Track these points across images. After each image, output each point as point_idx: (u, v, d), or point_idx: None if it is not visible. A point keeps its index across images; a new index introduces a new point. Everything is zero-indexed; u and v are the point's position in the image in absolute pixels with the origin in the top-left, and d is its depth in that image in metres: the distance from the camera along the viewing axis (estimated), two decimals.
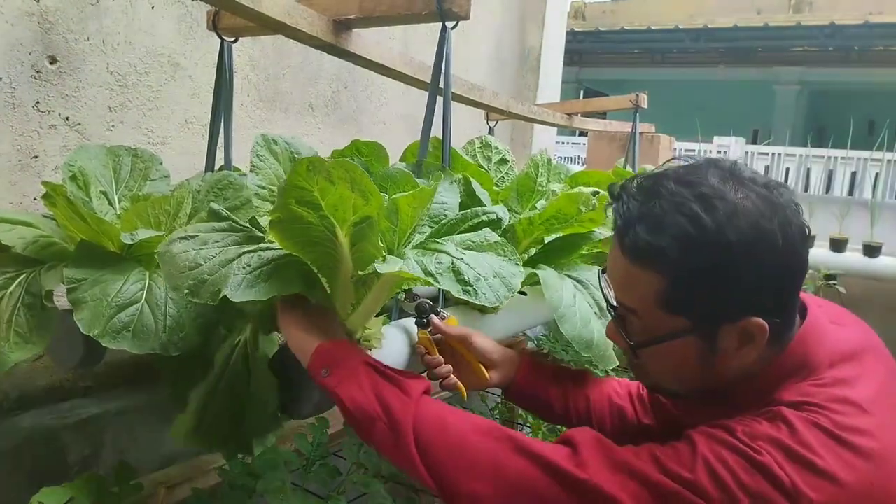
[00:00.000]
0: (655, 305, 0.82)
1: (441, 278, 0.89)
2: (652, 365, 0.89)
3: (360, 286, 0.99)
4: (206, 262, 0.87)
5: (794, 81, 14.78)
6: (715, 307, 0.80)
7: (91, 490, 1.05)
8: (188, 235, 0.91)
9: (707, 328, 0.81)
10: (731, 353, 0.82)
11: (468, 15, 1.25)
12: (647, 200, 0.81)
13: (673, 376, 0.89)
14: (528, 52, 3.39)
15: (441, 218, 1.12)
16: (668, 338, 0.83)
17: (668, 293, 0.80)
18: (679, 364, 0.86)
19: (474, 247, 1.00)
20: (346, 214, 0.88)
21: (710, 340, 0.82)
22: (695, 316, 0.81)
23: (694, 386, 0.89)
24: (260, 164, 1.08)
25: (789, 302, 0.83)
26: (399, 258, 0.92)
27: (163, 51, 1.65)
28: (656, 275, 0.80)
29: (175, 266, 0.86)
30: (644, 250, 0.80)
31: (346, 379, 0.87)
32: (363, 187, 0.86)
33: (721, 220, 0.76)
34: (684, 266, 0.78)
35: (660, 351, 0.85)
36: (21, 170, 1.41)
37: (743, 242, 0.76)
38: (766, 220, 0.77)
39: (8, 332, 0.96)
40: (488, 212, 1.14)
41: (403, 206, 0.95)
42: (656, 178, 0.83)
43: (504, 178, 1.73)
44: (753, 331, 0.79)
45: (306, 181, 0.83)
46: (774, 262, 0.78)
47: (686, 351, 0.83)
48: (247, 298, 0.85)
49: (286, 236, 0.91)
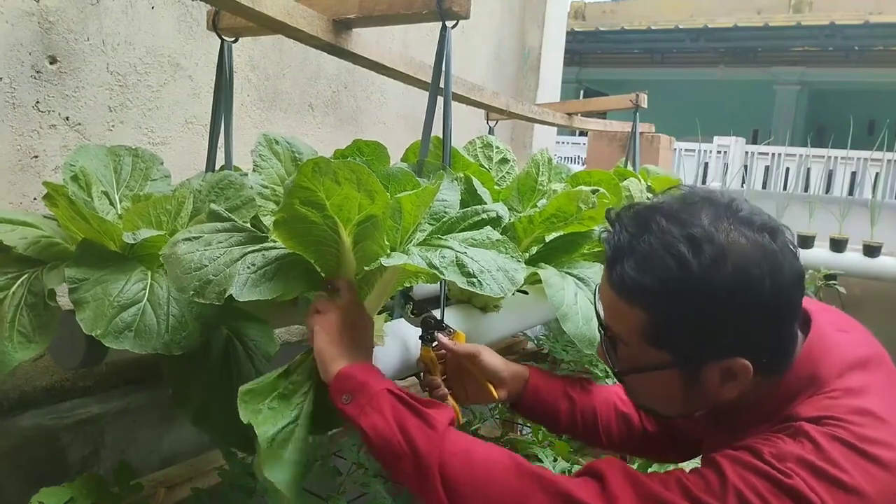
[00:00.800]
0: (639, 338, 0.83)
1: (446, 271, 0.90)
2: (636, 389, 0.92)
3: (364, 284, 1.00)
4: (210, 262, 0.87)
5: (794, 81, 14.79)
6: (697, 347, 0.80)
7: (91, 490, 1.05)
8: (192, 237, 0.92)
9: (689, 365, 0.82)
10: (714, 389, 0.82)
11: (468, 14, 1.25)
12: (638, 234, 0.81)
13: (658, 403, 0.90)
14: (528, 52, 3.39)
15: (442, 216, 1.13)
16: (650, 369, 0.84)
17: (652, 329, 0.81)
18: (662, 393, 0.87)
19: (476, 244, 1.01)
20: (350, 214, 0.88)
21: (692, 375, 0.82)
22: (677, 352, 0.81)
23: (678, 412, 0.90)
24: (262, 164, 1.08)
25: (780, 342, 0.82)
26: (404, 254, 0.93)
27: (163, 51, 1.65)
28: (640, 310, 0.81)
29: (180, 267, 0.87)
30: (629, 286, 0.81)
31: (368, 408, 0.85)
32: (369, 187, 0.86)
33: (707, 263, 0.76)
34: (667, 306, 0.79)
35: (643, 379, 0.87)
36: (21, 170, 1.41)
37: (728, 287, 0.76)
38: (755, 266, 0.77)
39: (11, 332, 0.96)
40: (488, 210, 1.15)
41: (406, 204, 0.96)
42: (650, 210, 0.83)
43: (505, 177, 1.73)
44: (737, 370, 0.80)
45: (311, 182, 0.84)
46: (761, 307, 0.77)
47: (668, 382, 0.84)
48: (252, 297, 0.85)
49: (290, 236, 0.92)
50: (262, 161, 1.07)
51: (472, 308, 1.38)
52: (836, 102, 13.88)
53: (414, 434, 0.83)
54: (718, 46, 14.64)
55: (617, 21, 14.19)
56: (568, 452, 1.49)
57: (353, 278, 0.98)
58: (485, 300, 1.40)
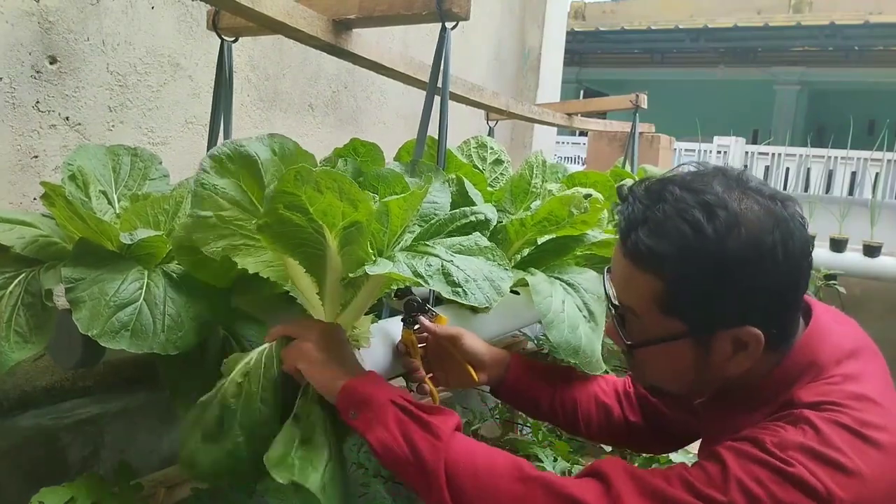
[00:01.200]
0: (653, 306, 0.83)
1: (431, 280, 0.89)
2: (648, 366, 0.91)
3: (350, 287, 1.00)
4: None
5: (794, 81, 14.79)
6: (710, 313, 0.81)
7: (91, 490, 1.05)
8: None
9: (702, 333, 0.82)
10: (725, 360, 0.83)
11: (468, 15, 1.25)
12: (652, 204, 0.82)
13: (668, 378, 0.90)
14: (528, 52, 3.39)
15: (431, 218, 1.12)
16: (663, 339, 0.84)
17: (666, 296, 0.82)
18: (674, 366, 0.87)
19: (464, 251, 1.00)
20: (334, 220, 0.88)
21: (704, 345, 0.83)
22: (690, 320, 0.82)
23: (689, 389, 0.90)
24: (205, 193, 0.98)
25: (787, 313, 0.83)
26: (389, 260, 0.92)
27: (163, 51, 1.65)
28: (655, 277, 0.82)
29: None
30: (644, 253, 0.81)
31: (374, 422, 0.87)
32: (352, 196, 0.86)
33: (721, 229, 0.77)
34: (682, 271, 0.79)
35: (656, 352, 0.87)
36: (21, 170, 1.41)
37: (742, 253, 0.77)
38: (767, 233, 0.78)
39: (8, 331, 0.96)
40: (476, 212, 1.14)
41: (394, 208, 0.96)
42: (663, 182, 0.84)
43: (499, 178, 1.73)
44: (748, 339, 0.81)
45: (294, 188, 0.83)
46: (773, 274, 0.78)
47: (681, 354, 0.85)
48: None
49: (275, 239, 0.91)
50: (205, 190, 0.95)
51: (462, 308, 1.38)
52: (836, 102, 13.88)
53: (419, 444, 0.84)
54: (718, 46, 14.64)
55: (617, 21, 14.19)
56: (567, 452, 1.49)
57: (340, 281, 0.98)
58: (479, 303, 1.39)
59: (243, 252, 0.95)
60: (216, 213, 0.93)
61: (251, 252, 0.96)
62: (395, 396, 0.89)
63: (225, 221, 0.93)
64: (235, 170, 0.94)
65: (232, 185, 0.94)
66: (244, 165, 0.94)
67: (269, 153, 0.96)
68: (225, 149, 0.94)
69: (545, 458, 1.40)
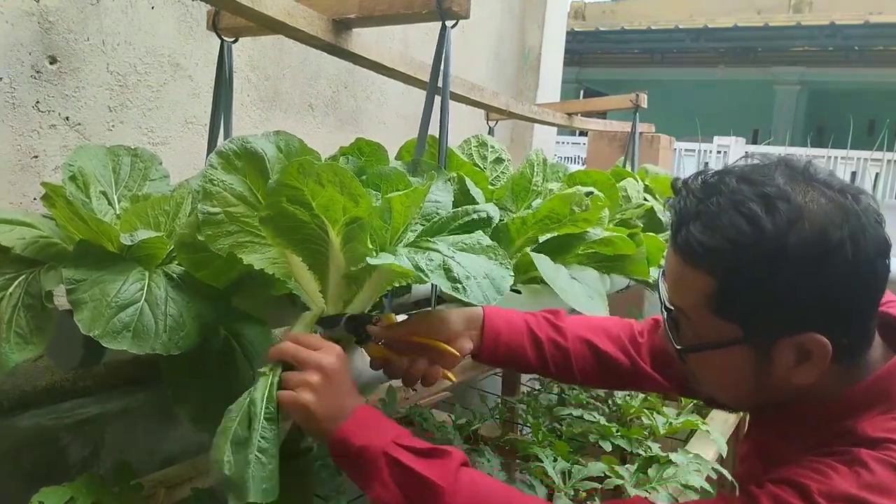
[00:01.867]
0: (706, 308, 0.76)
1: (431, 274, 0.90)
2: (701, 374, 0.84)
3: (352, 284, 1.00)
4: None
5: (794, 81, 14.78)
6: (769, 318, 0.74)
7: (91, 490, 1.05)
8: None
9: (760, 339, 0.75)
10: (788, 370, 0.75)
11: (468, 14, 1.25)
12: (706, 197, 0.75)
13: (724, 388, 0.83)
14: (528, 52, 3.39)
15: (433, 216, 1.12)
16: (716, 345, 0.77)
17: (719, 297, 0.75)
18: (731, 376, 0.80)
19: (466, 249, 1.00)
20: (336, 215, 0.89)
21: (763, 353, 0.76)
22: (746, 324, 0.75)
23: (749, 402, 0.83)
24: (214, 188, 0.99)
25: (861, 320, 0.75)
26: (390, 254, 0.93)
27: (163, 51, 1.65)
28: (708, 276, 0.75)
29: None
30: (696, 249, 0.75)
31: (371, 479, 0.80)
32: (352, 191, 0.87)
33: (782, 223, 0.70)
34: (737, 270, 0.73)
35: (710, 359, 0.80)
36: (21, 170, 1.41)
37: (805, 250, 0.70)
38: (836, 228, 0.70)
39: (8, 333, 0.95)
40: (479, 210, 1.14)
41: (396, 205, 0.96)
42: (721, 174, 0.77)
43: (500, 177, 1.73)
44: (812, 348, 0.73)
45: (297, 181, 0.84)
46: (842, 274, 0.70)
47: (738, 362, 0.78)
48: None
49: (278, 233, 0.92)
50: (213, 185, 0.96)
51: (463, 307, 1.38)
52: (836, 102, 13.89)
53: (416, 498, 0.79)
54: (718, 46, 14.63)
55: (617, 21, 14.19)
56: (567, 452, 1.49)
57: (342, 277, 0.98)
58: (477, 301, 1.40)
59: (249, 249, 0.96)
60: (224, 210, 0.93)
61: (256, 249, 0.97)
62: (388, 447, 0.81)
63: (232, 218, 0.94)
64: (242, 166, 0.95)
65: (239, 182, 0.95)
66: (251, 162, 0.95)
67: (274, 150, 0.98)
68: (232, 145, 0.95)
69: (545, 458, 1.40)
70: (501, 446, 1.62)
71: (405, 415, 1.65)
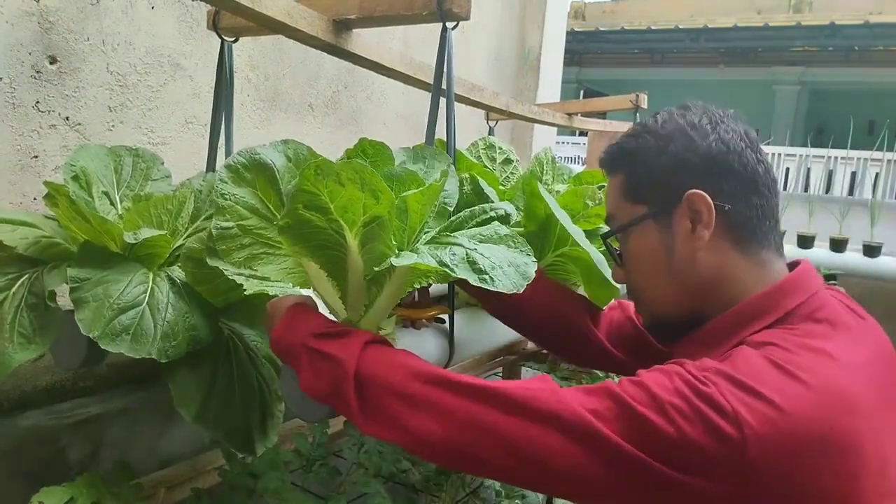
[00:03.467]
0: (622, 199, 0.98)
1: (457, 269, 0.89)
2: (632, 269, 1.00)
3: (372, 286, 0.99)
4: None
5: (794, 81, 14.78)
6: (661, 188, 0.93)
7: (91, 490, 1.05)
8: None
9: (661, 211, 0.93)
10: (688, 239, 0.90)
11: (468, 15, 1.25)
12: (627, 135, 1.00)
13: (648, 279, 0.98)
14: (528, 52, 3.39)
15: (444, 210, 1.12)
16: (631, 223, 0.97)
17: (628, 185, 0.97)
18: (649, 261, 0.96)
19: (485, 239, 1.00)
20: (355, 216, 0.88)
21: (666, 226, 0.93)
22: (650, 200, 0.95)
23: (670, 294, 0.95)
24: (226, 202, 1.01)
25: (735, 193, 0.90)
26: (413, 252, 0.92)
27: (163, 51, 1.65)
28: (620, 174, 0.99)
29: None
30: (614, 155, 1.00)
31: (298, 371, 0.90)
32: (373, 186, 0.86)
33: (663, 121, 0.95)
34: (636, 160, 0.96)
35: (632, 246, 0.98)
36: (21, 170, 1.41)
37: (679, 134, 0.92)
38: (698, 118, 0.93)
39: (11, 332, 0.96)
40: (496, 208, 1.14)
41: (413, 203, 0.95)
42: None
43: (509, 177, 1.73)
44: (697, 203, 0.88)
45: (315, 186, 0.83)
46: (707, 144, 0.90)
47: (651, 243, 0.95)
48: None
49: (295, 241, 0.91)
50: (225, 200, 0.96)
51: (480, 310, 1.38)
52: (836, 102, 13.87)
53: (326, 379, 0.87)
54: (718, 46, 14.63)
55: (617, 21, 14.18)
56: None
57: (363, 280, 0.97)
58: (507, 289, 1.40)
59: (264, 261, 0.96)
60: (237, 223, 0.93)
61: (271, 260, 0.96)
62: (305, 338, 0.89)
63: (246, 230, 0.94)
64: (252, 178, 0.95)
65: (250, 194, 0.94)
66: (260, 173, 0.95)
67: (283, 160, 0.97)
68: (241, 158, 0.95)
69: None
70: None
71: None
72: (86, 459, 1.46)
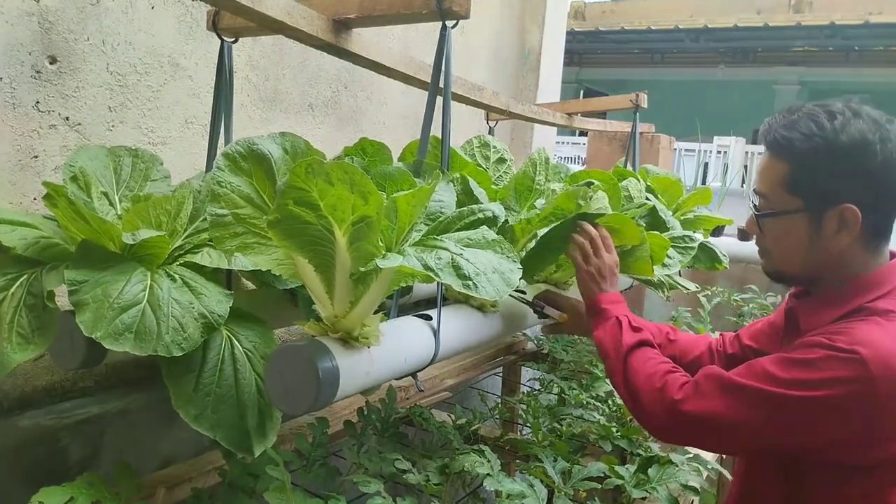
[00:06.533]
0: (780, 187, 1.10)
1: (441, 273, 0.90)
2: (772, 242, 1.15)
3: (359, 284, 0.99)
4: None
5: (794, 81, 14.78)
6: (822, 191, 1.06)
7: (91, 490, 1.05)
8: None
9: (815, 209, 1.07)
10: (831, 236, 1.07)
11: (468, 14, 1.25)
12: (790, 114, 1.11)
13: (785, 252, 1.14)
14: (528, 52, 3.39)
15: (438, 216, 1.12)
16: (785, 213, 1.10)
17: (790, 177, 1.08)
18: (791, 240, 1.11)
19: (472, 244, 1.00)
20: (344, 214, 0.88)
21: (816, 221, 1.08)
22: (807, 198, 1.08)
23: (800, 267, 1.13)
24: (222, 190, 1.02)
25: (883, 206, 1.07)
26: (399, 254, 0.92)
27: (163, 51, 1.65)
28: (783, 163, 1.09)
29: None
30: (780, 141, 1.09)
31: (600, 326, 1.29)
32: (363, 188, 0.86)
33: (838, 127, 1.05)
34: (804, 156, 1.06)
35: (778, 227, 1.12)
36: (21, 170, 1.41)
37: (850, 146, 1.03)
38: (871, 134, 1.04)
39: (10, 333, 0.96)
40: (484, 209, 1.14)
41: (402, 204, 0.96)
42: (798, 104, 1.14)
43: (502, 177, 1.73)
44: (849, 217, 1.05)
45: (305, 183, 0.84)
46: (871, 165, 1.03)
47: (797, 229, 1.10)
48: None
49: (285, 236, 0.92)
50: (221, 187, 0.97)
51: (469, 308, 1.38)
52: None
53: (611, 345, 1.25)
54: (718, 46, 14.63)
55: (617, 21, 14.18)
56: (567, 452, 1.49)
57: (350, 278, 0.98)
58: (481, 301, 1.40)
59: (255, 250, 0.96)
60: (232, 211, 0.94)
61: (262, 250, 0.97)
62: (620, 315, 1.29)
63: (240, 219, 0.95)
64: (249, 168, 0.95)
65: (246, 183, 0.95)
66: (257, 163, 0.96)
67: (280, 152, 0.98)
68: (239, 147, 0.95)
69: (545, 458, 1.40)
70: (501, 446, 1.62)
71: (405, 414, 1.65)
72: (86, 459, 1.46)
